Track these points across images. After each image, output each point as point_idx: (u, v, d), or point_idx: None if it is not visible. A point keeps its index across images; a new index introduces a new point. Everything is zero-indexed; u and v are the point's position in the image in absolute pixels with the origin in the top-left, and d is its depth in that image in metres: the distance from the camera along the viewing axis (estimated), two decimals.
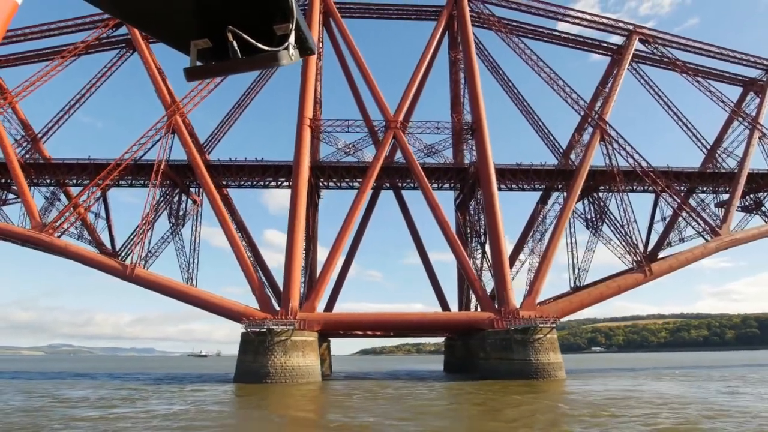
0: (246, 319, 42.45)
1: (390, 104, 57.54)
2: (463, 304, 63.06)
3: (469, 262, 50.89)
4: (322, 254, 61.82)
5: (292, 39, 1.83)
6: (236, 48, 1.80)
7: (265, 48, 1.81)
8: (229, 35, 1.79)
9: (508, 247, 54.97)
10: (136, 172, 58.57)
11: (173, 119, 55.89)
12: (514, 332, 43.19)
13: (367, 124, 63.52)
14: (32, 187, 62.02)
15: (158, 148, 56.49)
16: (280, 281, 49.11)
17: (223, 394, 35.37)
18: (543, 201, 65.23)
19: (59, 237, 51.18)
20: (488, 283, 62.04)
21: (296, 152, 53.98)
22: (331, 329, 46.26)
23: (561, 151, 67.07)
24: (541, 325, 42.74)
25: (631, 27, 68.18)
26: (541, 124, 68.05)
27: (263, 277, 57.34)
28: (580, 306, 49.11)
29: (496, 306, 47.59)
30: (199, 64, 1.94)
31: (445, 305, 63.01)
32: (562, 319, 49.91)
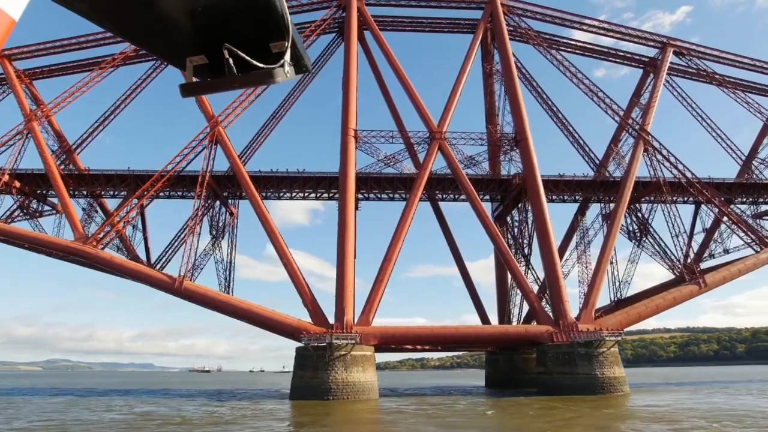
0: (305, 334, 41.34)
1: (413, 116, 57.52)
2: (505, 317, 62.06)
3: (524, 275, 50.06)
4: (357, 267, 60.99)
5: (287, 56, 1.83)
6: (232, 65, 1.80)
7: (261, 65, 1.80)
8: (225, 52, 1.79)
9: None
10: (176, 183, 57.90)
11: (216, 130, 55.43)
12: (578, 345, 42.24)
13: (403, 135, 63.22)
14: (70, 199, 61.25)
15: (200, 160, 56.41)
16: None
17: (312, 410, 34.10)
18: (581, 212, 64.87)
19: (102, 249, 50.18)
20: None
21: (342, 163, 53.47)
22: (387, 343, 45.18)
23: (596, 162, 67.00)
24: (608, 338, 41.84)
25: (664, 39, 68.72)
26: (576, 135, 68.03)
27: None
28: (638, 318, 48.31)
29: (552, 319, 46.66)
30: (195, 80, 1.92)
31: (485, 319, 61.99)
32: None
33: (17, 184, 56.55)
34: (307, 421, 28.77)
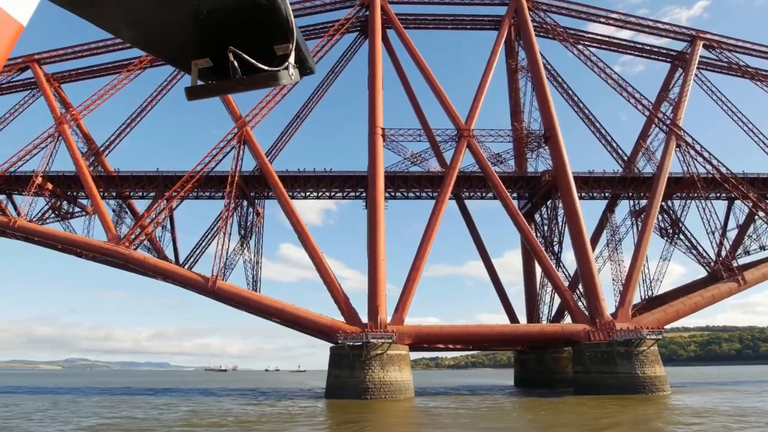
0: (342, 333, 41.19)
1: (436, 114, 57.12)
2: (534, 316, 61.36)
3: (557, 273, 49.39)
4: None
5: (292, 59, 1.83)
6: (237, 68, 1.81)
7: (266, 68, 1.81)
8: (230, 55, 1.80)
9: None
10: (204, 184, 58.18)
11: (244, 130, 55.59)
12: (617, 344, 41.51)
13: (427, 133, 62.82)
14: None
15: (226, 160, 56.70)
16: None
17: (354, 408, 33.97)
18: (610, 209, 63.91)
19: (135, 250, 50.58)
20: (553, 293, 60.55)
21: (371, 162, 53.29)
22: (421, 342, 44.89)
23: (624, 158, 65.98)
24: (649, 337, 41.06)
25: (693, 32, 67.43)
26: (604, 131, 67.08)
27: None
28: (676, 316, 47.39)
29: (588, 317, 45.93)
30: (200, 83, 1.92)
31: (513, 318, 61.33)
32: None
33: (50, 186, 57.28)
34: (359, 418, 28.58)
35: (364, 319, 45.10)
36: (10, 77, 64.47)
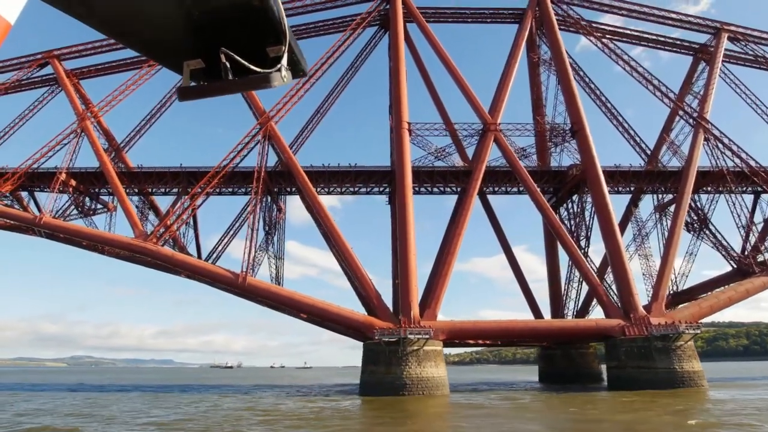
0: (378, 329, 40.85)
1: (454, 108, 56.50)
2: (559, 311, 61.01)
3: (590, 267, 49.02)
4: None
5: (284, 61, 1.84)
6: (229, 69, 1.82)
7: (258, 69, 1.82)
8: (222, 56, 1.80)
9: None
10: (228, 180, 57.79)
11: (268, 126, 55.18)
12: (655, 339, 41.18)
13: (449, 128, 62.36)
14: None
15: (249, 156, 56.38)
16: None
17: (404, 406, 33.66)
18: (634, 203, 63.49)
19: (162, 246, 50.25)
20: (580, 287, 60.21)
21: (398, 157, 52.87)
22: (455, 338, 44.61)
23: (647, 152, 65.50)
24: (688, 331, 40.73)
25: (718, 25, 66.79)
26: (627, 125, 66.52)
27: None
28: (710, 311, 47.00)
29: (622, 312, 45.56)
30: (192, 84, 1.92)
31: (537, 313, 60.97)
32: None
33: (73, 182, 56.94)
34: (411, 414, 28.30)
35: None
36: (30, 73, 64.00)
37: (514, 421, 25.09)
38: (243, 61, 1.80)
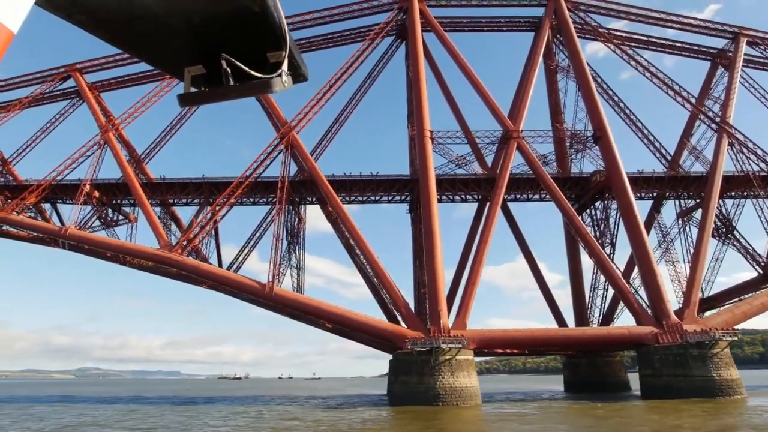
0: (410, 338, 40.45)
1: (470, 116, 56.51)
2: (583, 319, 60.35)
3: (619, 274, 48.54)
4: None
5: (285, 66, 1.86)
6: (230, 75, 1.83)
7: (258, 75, 1.83)
8: (223, 62, 1.81)
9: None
10: (250, 190, 57.85)
11: (290, 135, 55.33)
12: (690, 346, 40.56)
13: (468, 136, 62.36)
14: (138, 208, 61.76)
15: (272, 166, 56.53)
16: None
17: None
18: (656, 209, 63.08)
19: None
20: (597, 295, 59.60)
21: (422, 166, 52.78)
22: (486, 347, 44.13)
23: (668, 158, 65.22)
24: (724, 338, 40.10)
25: (736, 29, 66.74)
26: (646, 130, 66.30)
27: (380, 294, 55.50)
28: (744, 317, 46.36)
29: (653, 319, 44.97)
30: (193, 90, 1.93)
31: (561, 321, 60.37)
32: None
33: (97, 194, 57.17)
34: (454, 423, 27.86)
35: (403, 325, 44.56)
36: (53, 87, 64.65)
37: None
38: (244, 67, 1.81)
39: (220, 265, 60.08)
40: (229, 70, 1.81)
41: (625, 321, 60.01)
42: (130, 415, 37.04)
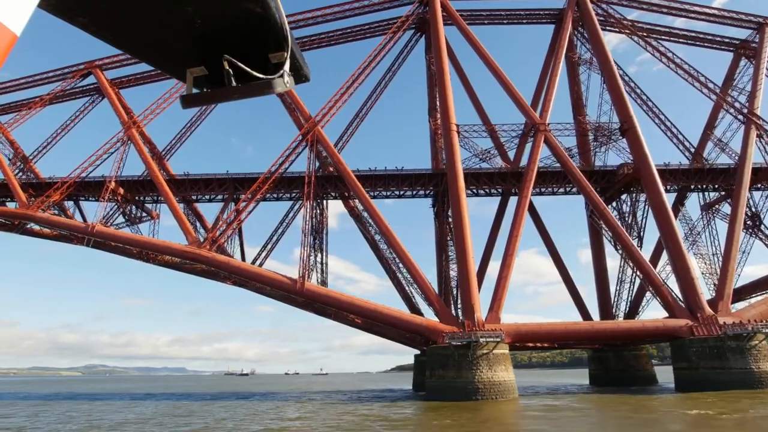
0: (446, 333, 40.32)
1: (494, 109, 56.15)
2: (611, 311, 60.14)
3: (651, 267, 48.27)
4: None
5: (287, 67, 1.86)
6: (232, 76, 1.84)
7: (261, 76, 1.83)
8: (225, 63, 1.82)
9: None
10: (275, 186, 57.65)
11: (315, 130, 55.02)
12: (728, 339, 40.36)
13: (489, 129, 62.00)
14: (160, 205, 61.63)
15: (302, 161, 56.21)
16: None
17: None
18: (680, 201, 62.77)
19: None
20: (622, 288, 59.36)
21: (449, 159, 52.47)
22: (521, 341, 43.93)
23: (691, 150, 64.78)
24: (764, 330, 39.89)
25: (761, 20, 66.09)
26: (669, 122, 65.83)
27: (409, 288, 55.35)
28: None
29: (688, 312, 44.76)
30: (195, 91, 1.94)
31: (586, 315, 60.18)
32: None
33: (121, 190, 57.02)
34: (498, 416, 27.73)
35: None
36: (73, 84, 64.38)
37: (632, 422, 24.50)
38: (245, 68, 1.80)
39: (242, 259, 60.04)
40: (231, 71, 1.81)
41: (649, 314, 59.99)
42: (174, 411, 37.01)
